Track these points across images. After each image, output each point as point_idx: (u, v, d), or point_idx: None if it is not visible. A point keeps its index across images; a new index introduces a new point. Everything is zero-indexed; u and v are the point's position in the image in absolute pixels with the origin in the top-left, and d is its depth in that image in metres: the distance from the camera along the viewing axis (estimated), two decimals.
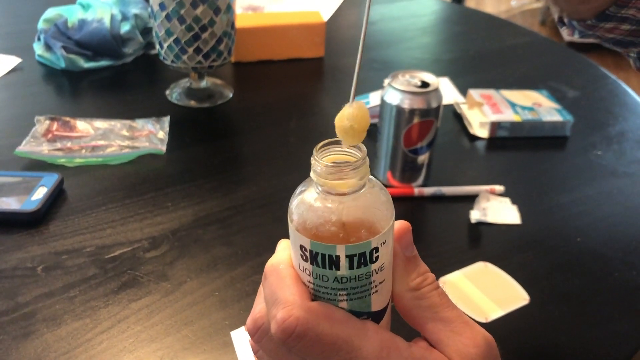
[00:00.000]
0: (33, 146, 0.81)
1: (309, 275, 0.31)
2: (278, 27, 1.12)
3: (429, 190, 0.76)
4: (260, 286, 0.35)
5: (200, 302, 0.59)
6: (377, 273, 0.30)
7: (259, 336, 0.33)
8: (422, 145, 0.74)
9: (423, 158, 0.75)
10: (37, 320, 0.57)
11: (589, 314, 0.61)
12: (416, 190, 0.76)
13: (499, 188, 0.77)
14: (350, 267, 0.29)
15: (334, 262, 0.29)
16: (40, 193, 0.71)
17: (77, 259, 0.64)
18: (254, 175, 0.81)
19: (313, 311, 0.30)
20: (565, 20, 0.55)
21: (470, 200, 0.76)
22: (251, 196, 0.76)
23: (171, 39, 0.90)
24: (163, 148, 0.84)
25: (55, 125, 0.86)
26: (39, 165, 0.79)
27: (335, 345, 0.30)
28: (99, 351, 0.54)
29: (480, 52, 1.25)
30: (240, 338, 0.55)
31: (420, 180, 0.77)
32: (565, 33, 0.56)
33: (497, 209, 0.74)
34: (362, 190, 0.30)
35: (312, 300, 0.31)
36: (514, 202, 0.76)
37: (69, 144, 0.82)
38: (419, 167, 0.76)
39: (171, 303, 0.59)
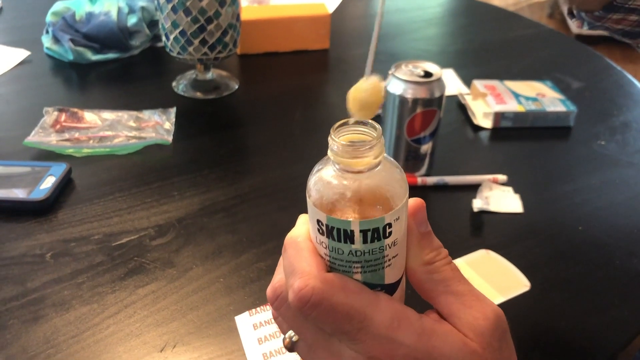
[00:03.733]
0: (42, 137, 0.83)
1: (325, 248, 0.32)
2: (283, 19, 1.13)
3: (432, 180, 0.77)
4: (280, 258, 0.36)
5: (205, 288, 0.60)
6: (390, 248, 0.32)
7: (278, 304, 0.35)
8: (425, 135, 0.75)
9: (426, 148, 0.76)
10: (46, 305, 0.58)
11: (590, 300, 0.61)
12: (419, 180, 0.77)
13: (502, 177, 0.77)
14: (364, 241, 0.31)
15: (349, 237, 0.30)
16: (48, 182, 0.72)
17: (85, 247, 0.66)
18: (259, 166, 0.82)
19: (328, 282, 0.31)
20: (575, 12, 0.56)
21: (473, 189, 0.76)
22: (256, 186, 0.77)
23: (177, 31, 0.91)
24: (169, 138, 0.85)
25: (63, 117, 0.87)
26: (47, 156, 0.80)
27: (349, 314, 0.31)
28: (107, 335, 0.55)
29: (485, 43, 1.25)
30: (245, 323, 0.56)
31: (424, 169, 0.78)
32: (574, 25, 0.56)
33: (499, 197, 0.75)
34: (377, 169, 0.31)
35: (328, 272, 0.32)
36: (516, 191, 0.76)
37: (76, 135, 0.83)
38: (422, 157, 0.77)
39: (177, 289, 0.60)
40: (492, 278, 0.63)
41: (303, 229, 0.35)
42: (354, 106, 0.33)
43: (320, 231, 0.32)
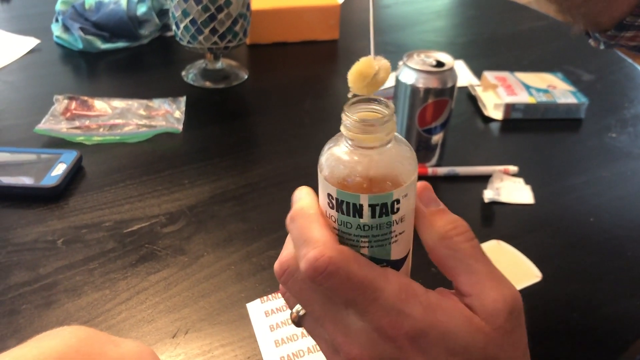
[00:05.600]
0: (52, 124, 0.83)
1: (335, 222, 0.33)
2: (293, 9, 1.13)
3: (442, 170, 0.77)
4: (288, 236, 0.36)
5: (216, 275, 0.61)
6: (397, 224, 0.32)
7: (285, 278, 0.35)
8: (436, 125, 0.74)
9: (437, 138, 0.76)
10: (59, 291, 0.58)
11: (601, 291, 0.61)
12: (430, 170, 0.77)
13: (513, 168, 0.77)
14: (373, 215, 0.31)
15: (358, 210, 0.31)
16: (59, 169, 0.72)
17: (96, 233, 0.66)
18: (269, 155, 0.82)
19: (343, 252, 0.31)
20: (590, 33, 0.56)
21: (483, 180, 0.76)
22: (266, 174, 0.77)
23: (187, 20, 0.90)
24: (179, 127, 0.85)
25: (73, 104, 0.87)
26: (58, 143, 0.80)
27: (362, 285, 0.31)
28: (119, 321, 0.55)
29: (495, 35, 1.25)
30: (256, 310, 0.56)
31: (434, 160, 0.78)
32: (592, 44, 0.57)
33: (510, 188, 0.74)
34: (388, 146, 0.32)
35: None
36: (527, 182, 0.76)
37: (87, 123, 0.84)
38: (433, 147, 0.76)
39: (188, 276, 0.60)
40: (504, 268, 0.62)
41: (309, 200, 0.35)
42: (358, 79, 0.34)
43: (330, 205, 0.32)
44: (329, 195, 0.32)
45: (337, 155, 0.32)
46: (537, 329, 0.56)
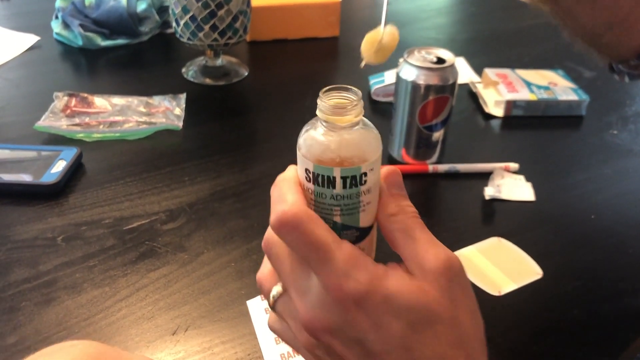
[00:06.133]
0: (52, 121, 0.82)
1: (311, 194, 0.37)
2: (293, 6, 1.12)
3: (443, 167, 0.77)
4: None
5: (216, 272, 0.60)
6: (365, 194, 0.37)
7: (266, 247, 0.39)
8: (437, 122, 0.74)
9: (438, 135, 0.76)
10: (58, 288, 0.58)
11: (602, 289, 0.61)
12: (430, 167, 0.77)
13: (514, 165, 0.77)
14: (344, 186, 0.36)
15: (331, 182, 0.36)
16: (59, 166, 0.72)
17: (96, 230, 0.66)
18: (270, 152, 0.81)
19: (308, 212, 0.35)
20: (614, 66, 0.56)
21: (484, 177, 0.76)
22: (267, 171, 0.76)
23: (187, 17, 0.90)
24: (179, 124, 0.85)
25: (73, 101, 0.87)
26: (58, 140, 0.80)
27: (317, 244, 0.34)
28: (119, 318, 0.55)
29: (495, 32, 1.25)
30: (257, 307, 0.56)
31: (435, 157, 0.78)
32: (617, 79, 0.57)
33: (511, 186, 0.74)
34: (356, 127, 0.37)
35: None
36: (528, 179, 0.76)
37: (87, 120, 0.83)
38: (434, 144, 0.76)
39: (188, 273, 0.60)
40: (505, 266, 0.63)
41: (291, 171, 0.39)
42: (369, 47, 0.41)
43: (308, 178, 0.37)
44: (306, 170, 0.36)
45: (313, 136, 0.37)
46: (538, 326, 0.56)
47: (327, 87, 0.37)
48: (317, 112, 0.37)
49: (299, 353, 0.41)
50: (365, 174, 0.36)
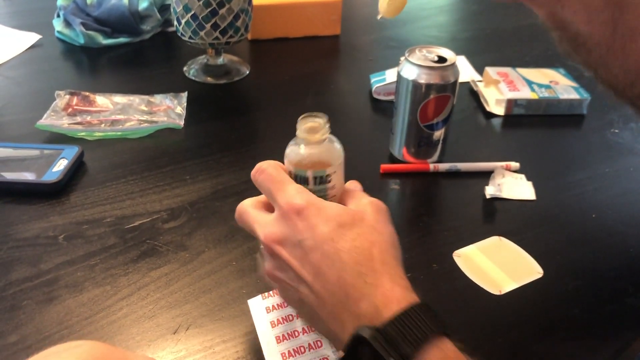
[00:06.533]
0: (53, 120, 0.83)
1: None
2: (294, 4, 1.12)
3: (444, 166, 0.77)
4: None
5: (218, 271, 0.61)
6: (330, 190, 0.51)
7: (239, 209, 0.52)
8: (438, 121, 0.74)
9: (439, 134, 0.76)
10: (60, 287, 0.58)
11: (603, 288, 0.61)
12: (431, 166, 0.77)
13: (515, 164, 0.77)
14: (315, 183, 0.50)
15: (305, 180, 0.50)
16: (61, 165, 0.72)
17: (98, 229, 0.66)
18: (271, 151, 0.80)
19: (275, 164, 0.50)
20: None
21: (485, 176, 0.76)
22: None
23: (189, 15, 0.90)
24: (181, 123, 0.85)
25: (75, 100, 0.87)
26: (59, 139, 0.80)
27: (276, 180, 0.49)
28: (120, 317, 0.55)
29: (497, 31, 1.24)
30: (258, 306, 0.56)
31: (436, 156, 0.78)
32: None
33: (512, 184, 0.74)
34: (324, 142, 0.51)
35: None
36: (529, 178, 0.76)
37: (88, 118, 0.83)
38: (435, 143, 0.76)
39: (189, 272, 0.60)
40: (505, 265, 0.63)
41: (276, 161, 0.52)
42: (383, 4, 0.55)
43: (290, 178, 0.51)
44: (289, 172, 0.51)
45: (293, 148, 0.51)
46: (538, 325, 0.56)
47: (303, 115, 0.51)
48: (297, 132, 0.51)
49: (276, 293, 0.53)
50: (329, 175, 0.51)
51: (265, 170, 0.50)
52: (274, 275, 0.48)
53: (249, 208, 0.51)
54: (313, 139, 0.50)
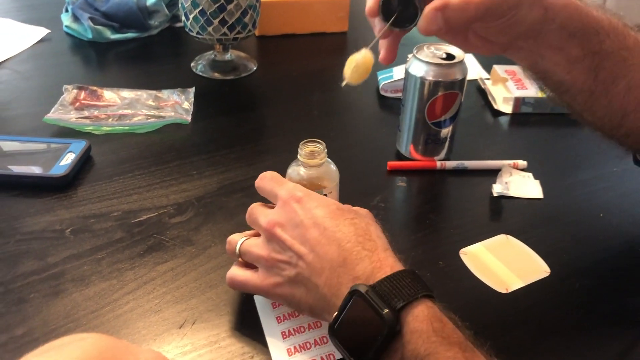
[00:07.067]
0: (61, 114, 0.83)
1: None
2: (302, 1, 1.12)
3: (451, 164, 0.77)
4: None
5: (224, 266, 0.60)
6: None
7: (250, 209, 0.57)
8: (446, 119, 0.74)
9: (446, 131, 0.75)
10: (66, 280, 0.58)
11: (610, 288, 0.61)
12: (438, 164, 0.76)
13: (522, 163, 0.77)
14: None
15: None
16: (68, 159, 0.73)
17: (104, 223, 0.66)
18: (278, 146, 0.81)
19: (275, 174, 0.56)
20: (638, 156, 0.58)
21: (492, 174, 0.76)
22: (275, 166, 0.75)
23: (197, 11, 0.90)
24: (188, 118, 0.85)
25: (82, 94, 0.87)
26: (67, 133, 0.81)
27: (278, 178, 0.55)
28: (126, 310, 0.55)
29: None
30: (264, 301, 0.56)
31: (443, 153, 0.77)
32: None
33: (519, 183, 0.74)
34: (322, 166, 0.59)
35: None
36: (536, 177, 0.75)
37: (96, 113, 0.84)
38: (442, 141, 0.76)
39: (196, 266, 0.61)
40: (512, 263, 0.63)
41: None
42: (348, 69, 0.55)
43: None
44: None
45: (296, 169, 0.60)
46: (544, 324, 0.56)
47: (304, 140, 0.59)
48: (298, 156, 0.59)
49: (262, 286, 0.52)
50: (326, 195, 0.58)
51: (266, 175, 0.56)
52: (272, 258, 0.51)
53: (256, 206, 0.55)
54: (313, 162, 0.59)
